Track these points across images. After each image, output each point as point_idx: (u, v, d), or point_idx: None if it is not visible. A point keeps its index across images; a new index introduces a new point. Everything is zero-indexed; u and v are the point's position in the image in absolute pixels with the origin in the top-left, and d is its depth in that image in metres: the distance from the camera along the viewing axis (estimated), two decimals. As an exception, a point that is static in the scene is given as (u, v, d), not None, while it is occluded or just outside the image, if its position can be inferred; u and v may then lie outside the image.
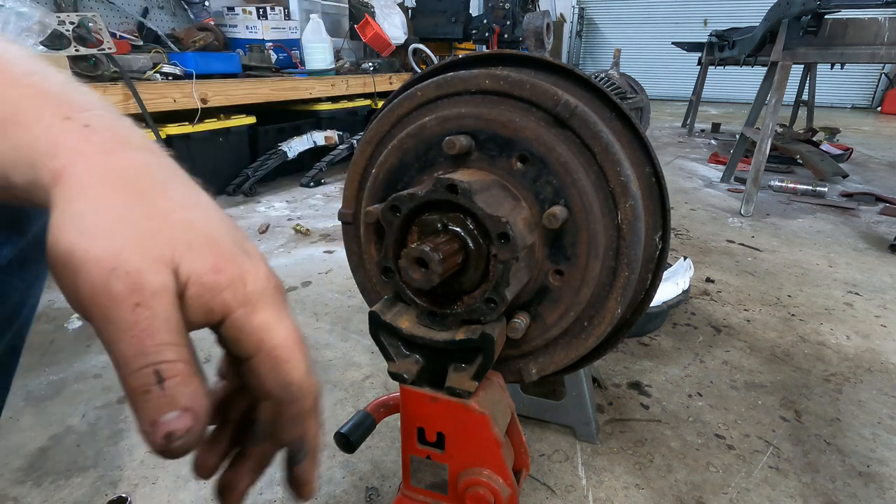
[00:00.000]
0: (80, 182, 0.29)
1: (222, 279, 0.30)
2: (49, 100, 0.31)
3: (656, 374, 1.45)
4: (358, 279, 0.76)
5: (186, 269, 0.29)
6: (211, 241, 0.31)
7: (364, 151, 0.68)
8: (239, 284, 0.31)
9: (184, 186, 0.32)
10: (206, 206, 0.33)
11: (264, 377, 0.32)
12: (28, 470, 1.09)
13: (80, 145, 0.30)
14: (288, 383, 0.32)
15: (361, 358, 1.52)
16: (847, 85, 9.76)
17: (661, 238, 0.62)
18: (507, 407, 0.68)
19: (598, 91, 0.61)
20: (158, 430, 0.27)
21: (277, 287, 0.34)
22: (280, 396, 0.33)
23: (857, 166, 4.33)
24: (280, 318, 0.33)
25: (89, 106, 0.32)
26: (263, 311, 0.32)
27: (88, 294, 0.27)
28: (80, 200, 0.28)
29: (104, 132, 0.31)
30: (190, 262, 0.29)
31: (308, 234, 2.58)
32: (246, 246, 0.33)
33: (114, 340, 0.27)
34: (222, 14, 3.78)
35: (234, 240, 0.33)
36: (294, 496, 0.37)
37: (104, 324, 0.27)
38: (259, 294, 0.32)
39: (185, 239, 0.30)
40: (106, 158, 0.30)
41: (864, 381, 1.44)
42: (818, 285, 2.06)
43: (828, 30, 2.65)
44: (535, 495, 1.05)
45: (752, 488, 1.07)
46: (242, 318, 0.31)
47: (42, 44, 2.23)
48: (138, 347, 0.27)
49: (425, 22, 4.77)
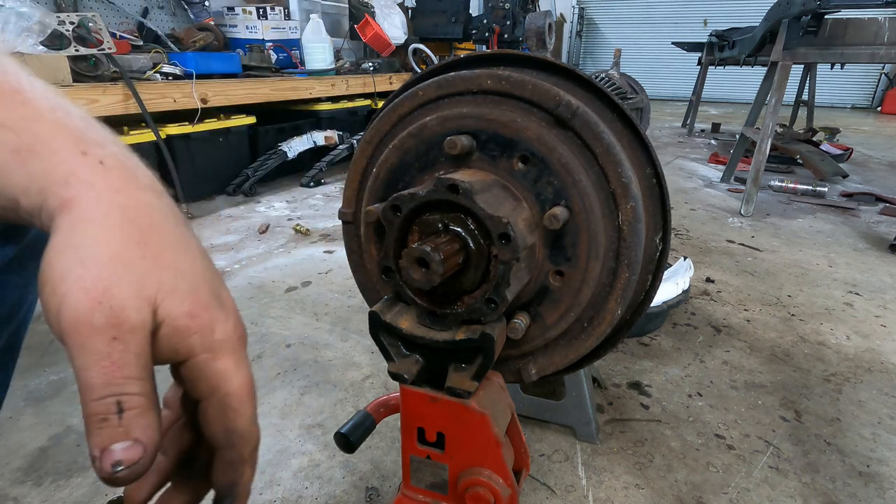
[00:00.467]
0: (86, 214, 0.31)
1: (193, 325, 0.32)
2: (69, 134, 0.33)
3: (656, 374, 1.45)
4: (358, 279, 0.76)
5: (164, 311, 0.31)
6: (192, 287, 0.33)
7: (364, 151, 0.68)
8: (207, 332, 0.33)
9: (178, 228, 0.35)
10: (194, 252, 0.35)
11: (211, 421, 0.34)
12: (28, 470, 1.09)
13: (93, 179, 0.32)
14: (232, 430, 0.35)
15: (361, 358, 1.52)
16: (847, 85, 9.77)
17: (662, 239, 0.62)
18: (507, 407, 0.68)
19: (598, 91, 0.61)
20: (107, 457, 0.29)
21: (242, 338, 0.36)
22: (222, 441, 0.35)
23: (857, 166, 4.33)
24: (238, 368, 0.35)
25: (105, 143, 0.34)
26: (224, 360, 0.34)
27: (71, 320, 0.28)
28: (83, 231, 0.30)
29: (116, 170, 0.33)
30: (169, 305, 0.32)
31: (308, 234, 2.58)
32: (222, 294, 0.36)
33: (85, 367, 0.28)
34: (222, 14, 3.78)
35: (213, 287, 0.35)
36: None
37: (79, 350, 0.29)
38: (223, 343, 0.34)
39: (169, 282, 0.32)
40: (114, 195, 0.32)
41: (864, 381, 1.44)
42: (818, 285, 2.06)
43: (828, 30, 2.65)
44: (535, 495, 1.05)
45: (752, 488, 1.07)
46: (203, 362, 0.33)
47: (42, 44, 2.23)
48: (108, 377, 0.29)
49: (425, 22, 4.77)
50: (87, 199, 0.31)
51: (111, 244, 0.31)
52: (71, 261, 0.29)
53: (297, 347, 1.57)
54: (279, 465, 1.12)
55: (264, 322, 1.71)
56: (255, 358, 1.51)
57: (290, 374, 1.44)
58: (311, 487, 1.06)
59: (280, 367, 1.47)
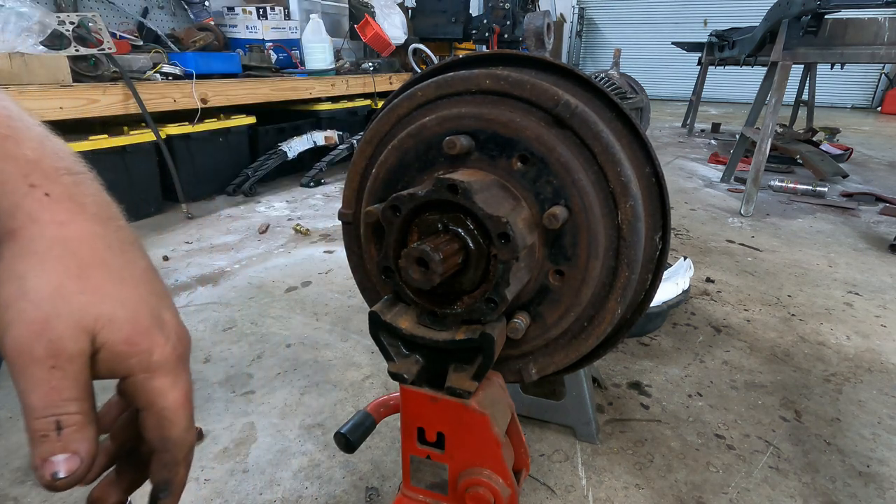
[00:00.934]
0: (30, 247, 0.33)
1: (132, 350, 0.35)
2: (17, 166, 0.34)
3: (656, 374, 1.45)
4: (358, 279, 0.76)
5: (103, 338, 0.34)
6: (132, 315, 0.36)
7: (364, 151, 0.68)
8: (145, 355, 0.36)
9: (122, 256, 0.37)
10: (136, 279, 0.37)
11: (149, 429, 0.38)
12: (28, 470, 1.09)
13: (38, 212, 0.34)
14: (166, 438, 0.38)
15: (361, 358, 1.52)
16: (847, 85, 9.77)
17: (662, 238, 0.62)
18: (507, 407, 0.68)
19: (598, 91, 0.61)
20: (47, 467, 0.32)
21: (181, 357, 0.39)
22: (159, 446, 0.38)
23: (857, 166, 4.33)
24: (174, 385, 0.38)
25: (55, 174, 0.35)
26: (160, 379, 0.37)
27: (13, 349, 0.31)
28: (26, 263, 0.33)
29: (63, 203, 0.35)
30: (108, 333, 0.34)
31: (308, 234, 2.58)
32: (164, 317, 0.38)
33: (27, 390, 0.31)
34: (222, 14, 3.79)
35: (154, 312, 0.37)
36: None
37: (22, 375, 0.31)
38: (160, 364, 0.37)
39: (108, 313, 0.34)
40: (58, 228, 0.34)
41: (864, 381, 1.44)
42: (818, 285, 2.06)
43: (828, 30, 2.65)
44: (535, 495, 1.05)
45: (752, 488, 1.07)
46: (141, 381, 0.36)
47: (42, 44, 2.23)
48: (47, 400, 0.32)
49: (425, 22, 4.77)
50: (31, 232, 0.33)
51: (52, 278, 0.33)
52: (14, 292, 0.32)
53: (297, 347, 1.57)
54: (279, 465, 1.12)
55: (264, 322, 1.71)
56: (255, 358, 1.51)
57: (290, 374, 1.44)
58: (311, 487, 1.06)
59: (280, 367, 1.47)
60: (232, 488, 1.05)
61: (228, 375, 1.42)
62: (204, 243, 2.45)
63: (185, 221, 2.75)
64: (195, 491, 1.04)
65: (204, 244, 2.44)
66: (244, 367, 1.47)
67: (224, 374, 1.43)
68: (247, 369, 1.46)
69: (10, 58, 2.13)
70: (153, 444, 0.38)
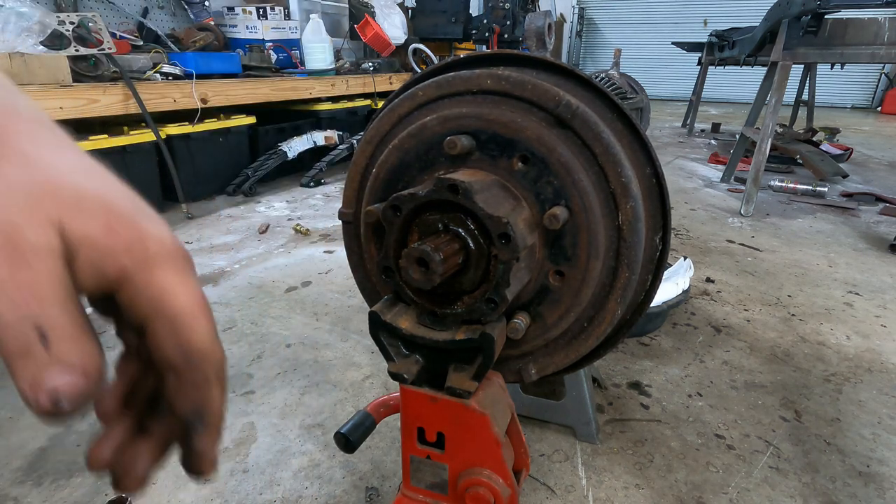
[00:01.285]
0: None
1: (118, 242, 0.27)
2: None
3: (656, 374, 1.45)
4: (358, 279, 0.76)
5: (76, 231, 0.26)
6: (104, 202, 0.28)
7: (364, 151, 0.68)
8: (138, 246, 0.28)
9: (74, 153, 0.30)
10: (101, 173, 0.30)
11: (163, 343, 0.29)
12: (28, 470, 1.09)
13: None
14: (188, 349, 0.29)
15: (361, 358, 1.52)
16: (847, 85, 9.77)
17: (662, 238, 0.62)
18: (507, 407, 0.68)
19: (598, 91, 0.61)
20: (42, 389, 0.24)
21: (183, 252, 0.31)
22: (179, 364, 0.29)
23: (857, 166, 4.33)
24: (184, 280, 0.29)
25: None
26: (165, 274, 0.29)
27: None
28: None
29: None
30: (80, 224, 0.26)
31: (308, 234, 2.58)
32: (146, 209, 0.30)
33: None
34: (222, 14, 3.79)
35: (134, 202, 0.30)
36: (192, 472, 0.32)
37: None
38: (161, 256, 0.29)
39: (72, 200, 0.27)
40: None
41: (864, 381, 1.44)
42: (818, 285, 2.06)
43: (828, 30, 2.65)
44: (535, 495, 1.05)
45: (752, 488, 1.07)
46: (141, 282, 0.28)
47: (42, 44, 2.23)
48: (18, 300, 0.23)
49: (425, 22, 4.77)
50: None
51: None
52: None
53: (297, 347, 1.57)
54: (279, 464, 1.12)
55: (264, 322, 1.71)
56: (255, 358, 1.51)
57: (290, 374, 1.44)
58: (311, 487, 1.06)
59: (280, 367, 1.47)
60: (232, 488, 1.05)
61: (228, 375, 1.42)
62: (204, 243, 2.45)
63: (185, 221, 2.75)
64: (195, 491, 1.04)
65: (204, 244, 2.44)
66: (244, 367, 1.47)
67: (224, 374, 1.43)
68: (247, 369, 1.46)
69: (10, 58, 2.13)
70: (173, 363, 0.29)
